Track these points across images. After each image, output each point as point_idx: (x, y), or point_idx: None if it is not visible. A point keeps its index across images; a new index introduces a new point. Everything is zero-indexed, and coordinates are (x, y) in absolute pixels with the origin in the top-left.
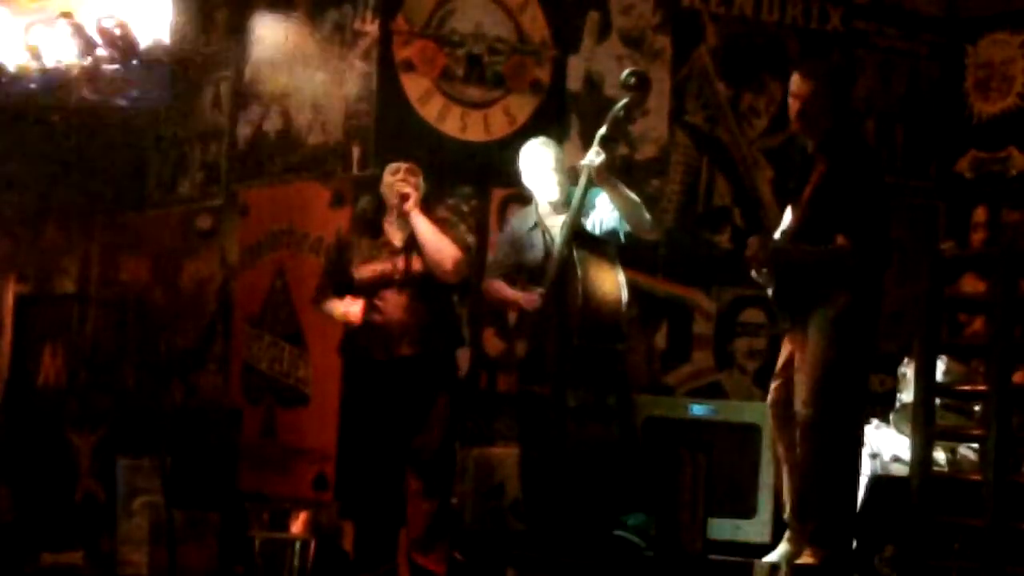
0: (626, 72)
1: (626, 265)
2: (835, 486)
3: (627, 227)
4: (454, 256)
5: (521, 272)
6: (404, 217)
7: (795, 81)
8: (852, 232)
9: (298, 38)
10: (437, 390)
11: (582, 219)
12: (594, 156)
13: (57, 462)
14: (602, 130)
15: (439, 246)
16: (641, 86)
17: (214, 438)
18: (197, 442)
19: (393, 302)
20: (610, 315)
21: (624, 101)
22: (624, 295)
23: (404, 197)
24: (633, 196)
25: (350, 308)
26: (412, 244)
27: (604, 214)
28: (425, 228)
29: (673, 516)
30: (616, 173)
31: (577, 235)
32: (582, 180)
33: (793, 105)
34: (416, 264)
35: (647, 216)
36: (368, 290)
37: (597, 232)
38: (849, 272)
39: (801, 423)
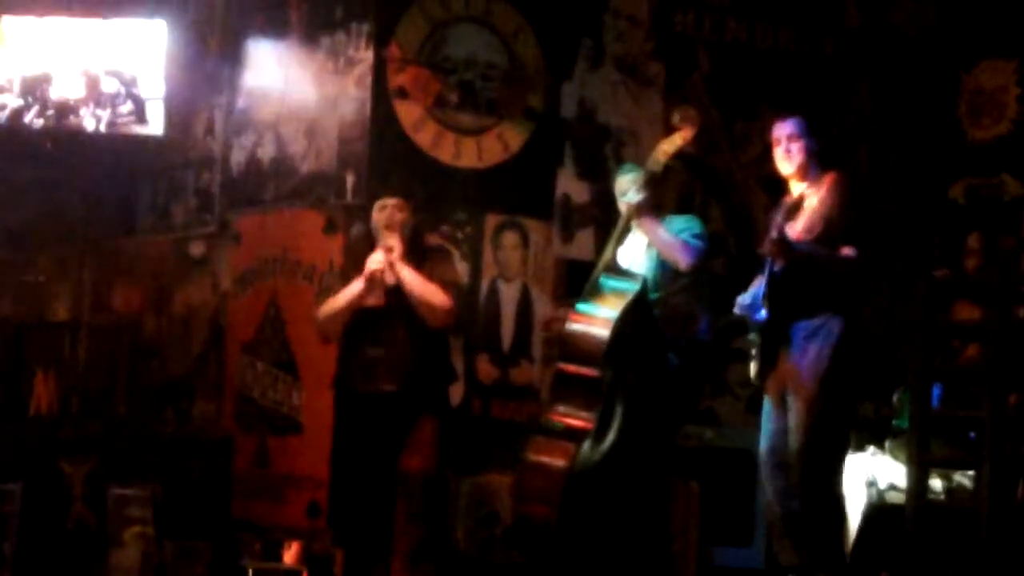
0: (676, 113)
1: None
2: (834, 515)
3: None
4: (442, 306)
5: None
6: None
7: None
8: (860, 242)
9: (292, 65)
10: (422, 414)
11: (617, 253)
12: (634, 195)
13: (49, 490)
14: (646, 169)
15: (426, 296)
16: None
17: (206, 466)
18: (189, 470)
19: (384, 336)
20: (593, 343)
21: (674, 139)
22: (607, 330)
23: (388, 250)
24: (670, 237)
25: (370, 266)
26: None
27: (639, 253)
28: (411, 279)
29: (665, 545)
30: (654, 212)
31: (609, 269)
32: (622, 217)
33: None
34: (407, 298)
35: (682, 258)
36: (359, 322)
37: (629, 267)
38: (841, 289)
39: (799, 455)
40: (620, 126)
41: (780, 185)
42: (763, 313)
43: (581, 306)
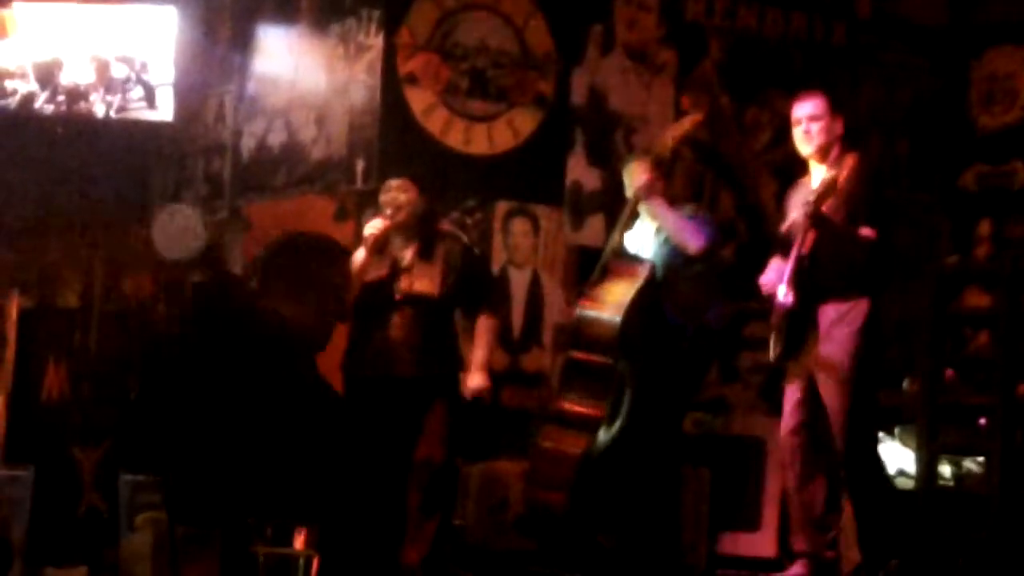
0: (687, 98)
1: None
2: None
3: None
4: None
5: None
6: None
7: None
8: (879, 224)
9: (302, 52)
10: (434, 399)
11: (624, 236)
12: (642, 177)
13: (61, 477)
14: (654, 153)
15: None
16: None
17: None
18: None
19: (392, 322)
20: (603, 329)
21: (683, 123)
22: (620, 315)
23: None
24: (680, 220)
25: (367, 231)
26: (414, 263)
27: (648, 239)
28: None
29: (676, 531)
30: (663, 196)
31: (618, 254)
32: (629, 201)
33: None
34: (417, 284)
35: (693, 241)
36: (369, 307)
37: (636, 251)
38: (866, 272)
39: (840, 437)
40: (631, 113)
41: (790, 171)
42: (787, 296)
43: (590, 292)
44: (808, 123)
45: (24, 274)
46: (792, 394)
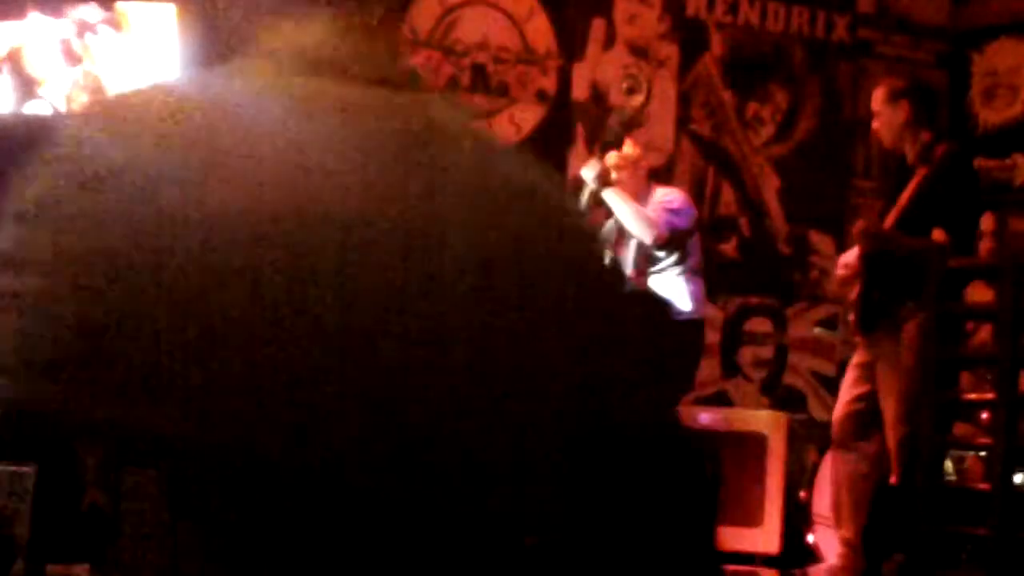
0: (625, 83)
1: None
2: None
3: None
4: None
5: None
6: None
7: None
8: (951, 227)
9: None
10: None
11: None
12: (593, 166)
13: (63, 473)
14: (601, 138)
15: None
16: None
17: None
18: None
19: None
20: None
21: (624, 108)
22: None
23: None
24: (634, 209)
25: None
26: None
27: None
28: None
29: (678, 527)
30: (610, 182)
31: None
32: (585, 188)
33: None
34: None
35: (648, 232)
36: None
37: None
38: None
39: (897, 439)
40: (632, 108)
41: (792, 165)
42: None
43: None
44: (874, 120)
45: None
46: (852, 377)
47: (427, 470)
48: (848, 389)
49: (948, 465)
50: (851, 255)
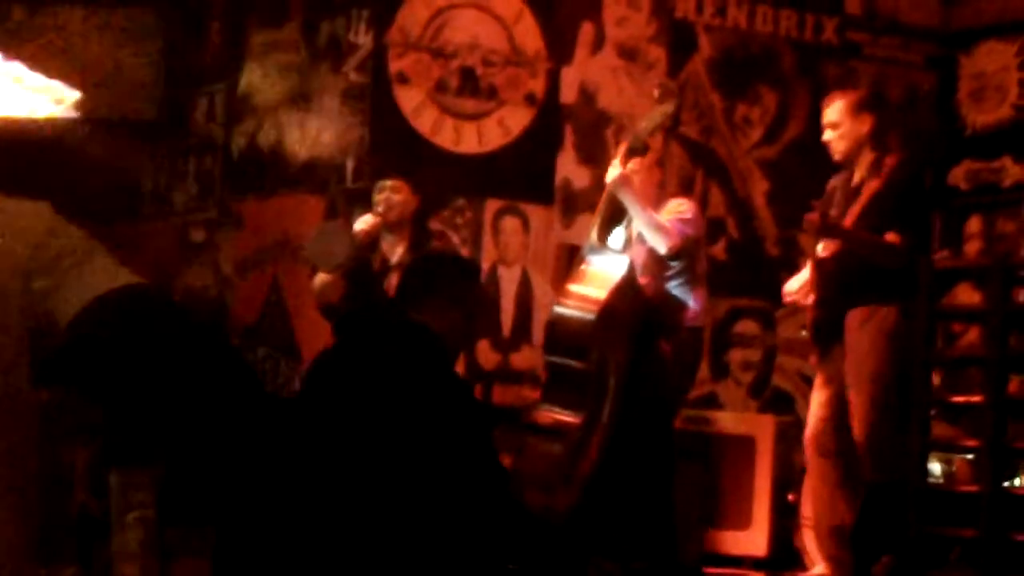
0: (657, 88)
1: None
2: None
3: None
4: None
5: None
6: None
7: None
8: (904, 229)
9: (292, 50)
10: None
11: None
12: (614, 169)
13: (51, 476)
14: (628, 144)
15: None
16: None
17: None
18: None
19: None
20: (579, 328)
21: (654, 115)
22: (596, 312)
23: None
24: (651, 218)
25: (357, 226)
26: (403, 261)
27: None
28: None
29: (670, 530)
30: (637, 189)
31: (596, 249)
32: (605, 194)
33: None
34: None
35: (663, 240)
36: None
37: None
38: (894, 276)
39: (864, 447)
40: (621, 111)
41: (780, 168)
42: (809, 299)
43: (565, 289)
44: (828, 130)
45: None
46: (819, 396)
47: None
48: (812, 419)
49: (936, 468)
50: (793, 282)
